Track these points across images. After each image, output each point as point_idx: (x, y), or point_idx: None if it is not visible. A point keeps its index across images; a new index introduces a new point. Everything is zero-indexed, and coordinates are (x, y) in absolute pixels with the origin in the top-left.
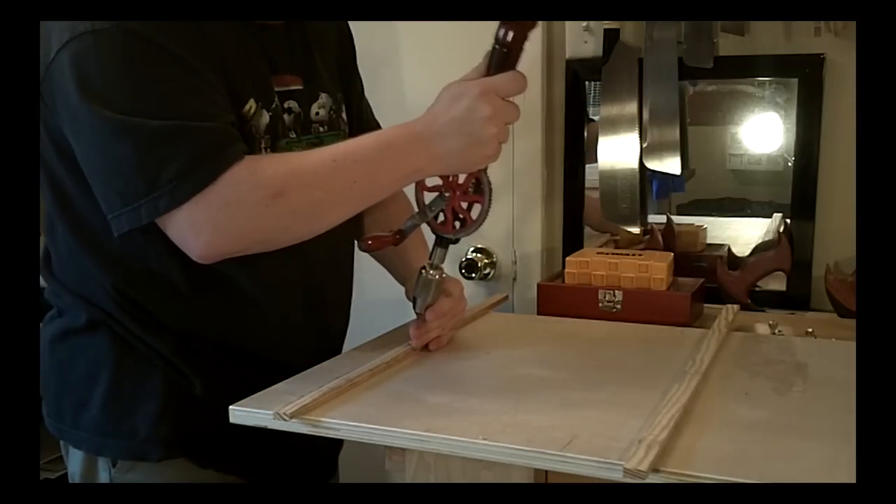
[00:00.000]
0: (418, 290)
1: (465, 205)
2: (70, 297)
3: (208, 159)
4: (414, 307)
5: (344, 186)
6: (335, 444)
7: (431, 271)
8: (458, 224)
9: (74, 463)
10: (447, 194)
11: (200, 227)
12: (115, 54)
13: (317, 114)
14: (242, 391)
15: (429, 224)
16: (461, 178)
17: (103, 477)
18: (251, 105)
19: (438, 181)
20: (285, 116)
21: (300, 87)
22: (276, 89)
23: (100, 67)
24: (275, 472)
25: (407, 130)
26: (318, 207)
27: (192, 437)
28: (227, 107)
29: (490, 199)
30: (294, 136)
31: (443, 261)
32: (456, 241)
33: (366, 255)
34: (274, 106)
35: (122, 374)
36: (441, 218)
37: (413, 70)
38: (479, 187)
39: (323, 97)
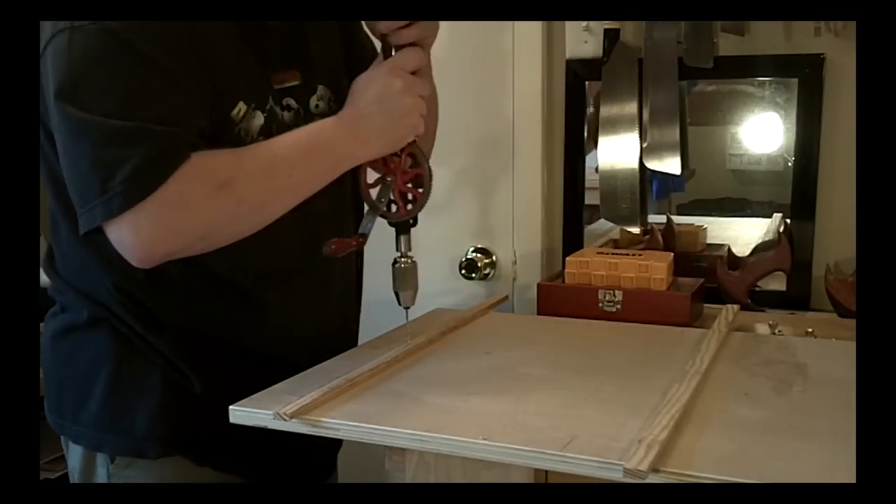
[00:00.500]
0: (397, 284)
1: (409, 184)
2: (72, 294)
3: (159, 162)
4: (399, 302)
5: (283, 175)
6: (334, 444)
7: (402, 259)
8: (410, 205)
9: (74, 458)
10: (389, 179)
11: (141, 226)
12: (87, 52)
13: (316, 107)
14: (242, 391)
15: (384, 217)
16: (393, 161)
17: (101, 473)
18: (240, 108)
19: (376, 175)
20: (285, 114)
21: (298, 83)
22: (276, 87)
23: (71, 64)
24: (273, 472)
25: (335, 119)
26: (262, 196)
27: (190, 436)
28: (198, 111)
29: (430, 169)
30: None
31: (409, 247)
32: (415, 223)
33: (368, 254)
34: (269, 107)
35: (121, 371)
36: (394, 208)
37: None
38: (415, 161)
39: (321, 89)
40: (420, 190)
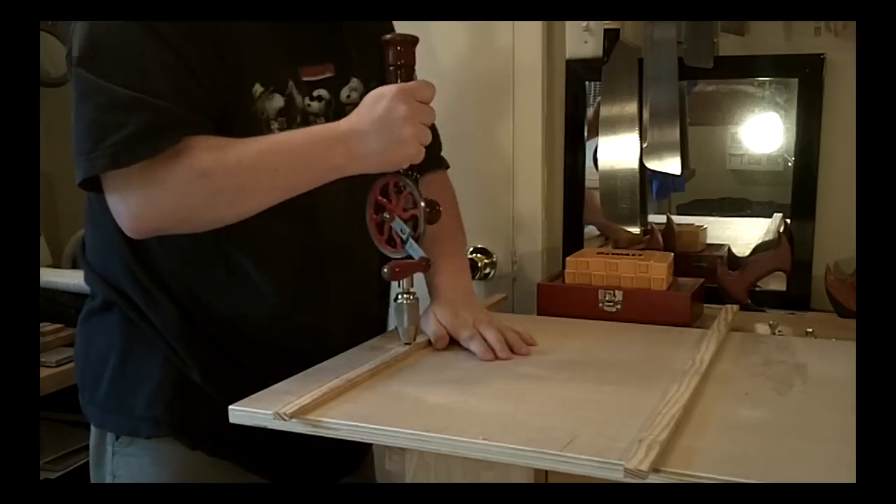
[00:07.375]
0: (398, 321)
1: (406, 223)
2: (93, 278)
3: (154, 136)
4: (399, 337)
5: (265, 174)
6: (344, 443)
7: (405, 296)
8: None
9: (92, 436)
10: (387, 216)
11: (129, 197)
12: (109, 25)
13: (348, 97)
14: (241, 381)
15: (384, 252)
16: (395, 199)
17: (108, 450)
18: (258, 88)
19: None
20: (313, 104)
21: (332, 74)
22: (306, 79)
23: (94, 34)
24: (272, 463)
25: (331, 128)
26: (240, 191)
27: (184, 420)
28: (203, 93)
29: (424, 209)
30: (324, 121)
31: (412, 283)
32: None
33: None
34: (288, 92)
35: (128, 354)
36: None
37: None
38: (413, 201)
39: (354, 81)
40: (417, 231)
